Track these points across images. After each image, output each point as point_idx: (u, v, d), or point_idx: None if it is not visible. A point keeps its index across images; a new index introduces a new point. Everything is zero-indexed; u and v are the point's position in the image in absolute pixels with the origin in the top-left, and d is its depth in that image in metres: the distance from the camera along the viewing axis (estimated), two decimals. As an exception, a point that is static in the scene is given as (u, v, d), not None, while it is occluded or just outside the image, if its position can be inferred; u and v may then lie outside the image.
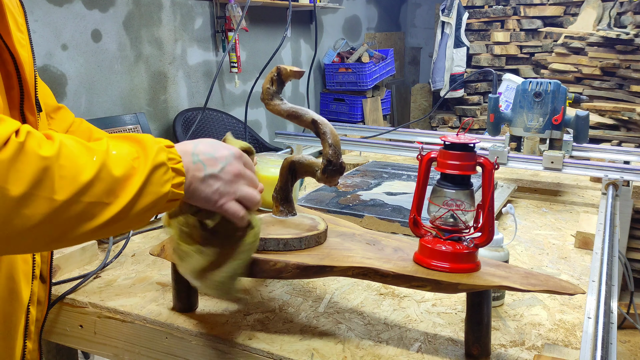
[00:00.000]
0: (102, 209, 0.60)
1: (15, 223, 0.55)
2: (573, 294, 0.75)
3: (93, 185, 0.59)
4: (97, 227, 0.60)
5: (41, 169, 0.55)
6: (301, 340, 0.84)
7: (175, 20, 3.41)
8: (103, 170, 0.60)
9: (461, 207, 0.78)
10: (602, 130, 3.57)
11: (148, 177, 0.63)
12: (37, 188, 0.55)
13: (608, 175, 1.55)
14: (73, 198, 0.57)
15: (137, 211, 0.63)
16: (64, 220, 0.58)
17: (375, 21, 5.89)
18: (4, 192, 0.53)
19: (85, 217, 0.59)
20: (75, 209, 0.58)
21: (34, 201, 0.55)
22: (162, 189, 0.64)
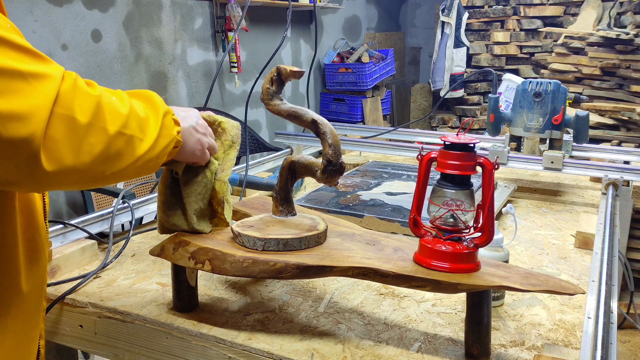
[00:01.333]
0: (138, 144, 0.70)
1: (85, 150, 0.62)
2: (573, 294, 0.75)
3: (129, 120, 0.68)
4: (134, 162, 0.70)
5: (96, 103, 0.64)
6: (301, 340, 0.84)
7: (175, 20, 3.41)
8: (132, 109, 0.70)
9: (461, 207, 0.78)
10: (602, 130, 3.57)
11: (162, 122, 0.75)
12: (96, 119, 0.63)
13: (608, 175, 1.55)
14: (120, 130, 0.66)
15: (158, 150, 0.74)
16: (116, 150, 0.66)
17: (375, 21, 5.89)
18: (74, 122, 0.61)
19: (129, 146, 0.68)
20: (122, 140, 0.67)
21: (95, 130, 0.63)
22: (172, 132, 0.77)
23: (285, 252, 0.84)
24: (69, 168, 0.62)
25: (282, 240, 0.84)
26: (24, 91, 0.57)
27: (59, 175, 0.61)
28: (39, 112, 0.58)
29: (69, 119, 0.61)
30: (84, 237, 1.15)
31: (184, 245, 0.86)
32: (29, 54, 0.59)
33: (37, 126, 0.57)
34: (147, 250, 1.18)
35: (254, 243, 0.84)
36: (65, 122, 0.60)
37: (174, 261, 0.87)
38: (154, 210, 1.39)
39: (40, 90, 0.58)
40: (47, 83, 0.59)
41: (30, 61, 0.59)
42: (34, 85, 0.58)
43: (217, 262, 0.83)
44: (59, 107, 0.60)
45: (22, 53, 0.59)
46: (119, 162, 0.68)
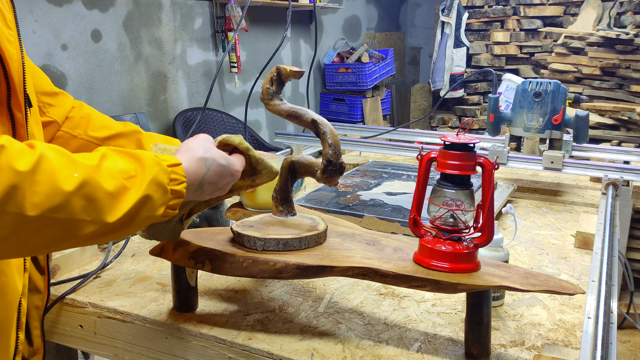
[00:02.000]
0: (82, 226, 0.58)
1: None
2: (573, 294, 0.75)
3: (70, 202, 0.56)
4: (78, 242, 0.59)
5: (12, 184, 0.53)
6: (301, 340, 0.84)
7: (175, 20, 3.41)
8: (85, 187, 0.58)
9: (461, 207, 0.78)
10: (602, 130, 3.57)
11: (142, 200, 0.62)
12: (6, 203, 0.53)
13: (608, 175, 1.55)
14: (46, 214, 0.55)
15: (122, 231, 0.62)
16: (36, 234, 0.56)
17: (375, 21, 5.89)
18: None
19: (63, 232, 0.57)
20: (50, 225, 0.56)
21: (2, 215, 0.53)
22: (154, 213, 0.64)
23: (285, 252, 0.84)
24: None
25: (282, 240, 0.84)
26: None
27: None
28: None
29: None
30: (84, 237, 1.15)
31: (184, 245, 0.86)
32: None
33: None
34: (147, 250, 1.18)
35: (253, 243, 0.84)
36: None
37: (174, 261, 0.87)
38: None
39: None
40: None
41: None
42: None
43: (217, 262, 0.83)
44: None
45: None
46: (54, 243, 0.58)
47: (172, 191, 0.66)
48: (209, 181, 0.74)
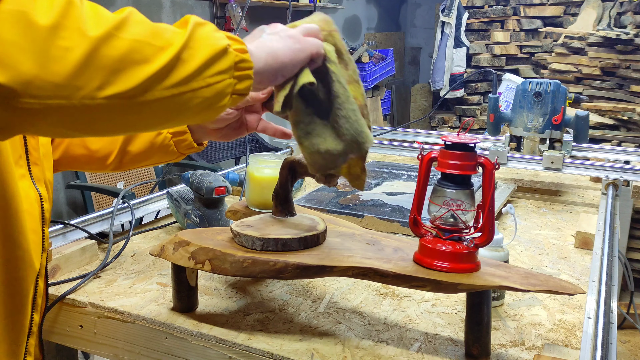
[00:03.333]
0: (153, 52, 0.50)
1: (54, 54, 0.45)
2: (573, 294, 0.75)
3: (129, 24, 0.50)
4: (159, 74, 0.50)
5: (66, 1, 0.47)
6: (301, 340, 0.84)
7: (175, 20, 3.41)
8: (136, 15, 0.51)
9: (461, 207, 0.78)
10: (602, 130, 3.58)
11: (194, 30, 0.54)
12: (65, 18, 0.46)
13: (608, 175, 1.55)
14: (111, 31, 0.48)
15: (197, 64, 0.53)
16: (110, 56, 0.48)
17: (375, 21, 5.89)
18: (31, 20, 0.45)
19: (135, 56, 0.49)
20: (120, 45, 0.48)
21: (66, 32, 0.46)
22: (217, 42, 0.55)
23: (284, 252, 0.84)
24: (34, 78, 0.45)
25: (280, 240, 0.84)
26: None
27: (26, 90, 0.45)
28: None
29: (20, 15, 0.45)
30: (84, 237, 1.15)
31: (184, 245, 0.86)
32: None
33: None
34: (147, 250, 1.18)
35: (252, 243, 0.84)
36: (15, 20, 0.44)
37: (174, 261, 0.87)
38: (154, 210, 1.39)
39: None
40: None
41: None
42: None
43: (217, 262, 0.83)
44: (8, 3, 0.45)
45: None
46: (127, 75, 0.49)
47: (227, 37, 0.57)
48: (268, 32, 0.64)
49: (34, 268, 0.76)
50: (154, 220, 1.41)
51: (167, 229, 1.31)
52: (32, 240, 0.75)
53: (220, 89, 0.56)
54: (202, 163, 2.93)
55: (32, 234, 0.76)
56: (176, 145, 0.92)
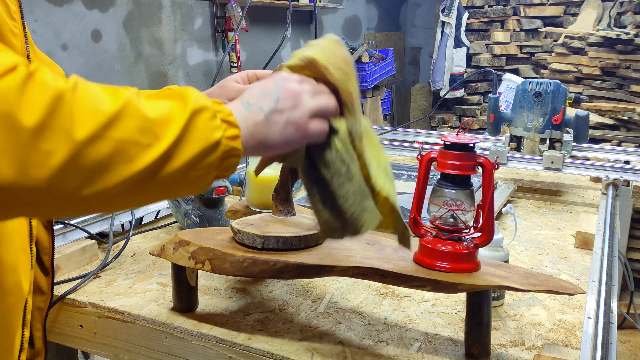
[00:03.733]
0: (139, 151, 0.49)
1: (34, 160, 0.45)
2: (573, 294, 0.75)
3: (120, 120, 0.49)
4: (139, 174, 0.50)
5: (55, 97, 0.46)
6: (301, 340, 0.84)
7: (175, 20, 3.41)
8: (130, 107, 0.50)
9: (461, 207, 0.78)
10: (602, 130, 3.58)
11: (190, 120, 0.53)
12: (51, 118, 0.45)
13: (608, 175, 1.55)
14: (98, 132, 0.47)
15: (184, 161, 0.52)
16: (93, 159, 0.47)
17: (375, 21, 5.89)
18: (15, 122, 0.44)
19: (119, 157, 0.48)
20: (104, 146, 0.47)
21: (51, 132, 0.45)
22: (211, 135, 0.54)
23: (285, 251, 0.84)
24: (13, 184, 0.44)
25: (281, 238, 0.84)
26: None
27: (2, 194, 0.44)
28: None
29: (5, 117, 0.43)
30: (84, 237, 1.15)
31: (184, 245, 0.86)
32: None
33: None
34: (147, 250, 1.18)
35: (253, 240, 0.84)
36: (1, 121, 0.44)
37: (174, 261, 0.87)
38: (154, 210, 1.39)
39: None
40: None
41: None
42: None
43: (217, 262, 0.83)
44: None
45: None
46: (105, 177, 0.48)
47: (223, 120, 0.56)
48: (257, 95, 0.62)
49: (24, 288, 0.76)
50: (154, 220, 1.41)
51: (167, 229, 1.31)
52: (22, 261, 0.75)
53: (203, 182, 0.56)
54: (202, 163, 2.92)
55: (22, 254, 0.75)
56: None
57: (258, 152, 0.62)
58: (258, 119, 0.60)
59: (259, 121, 0.60)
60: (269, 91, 0.63)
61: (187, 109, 0.53)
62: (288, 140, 0.62)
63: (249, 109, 0.61)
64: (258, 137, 0.60)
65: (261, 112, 0.61)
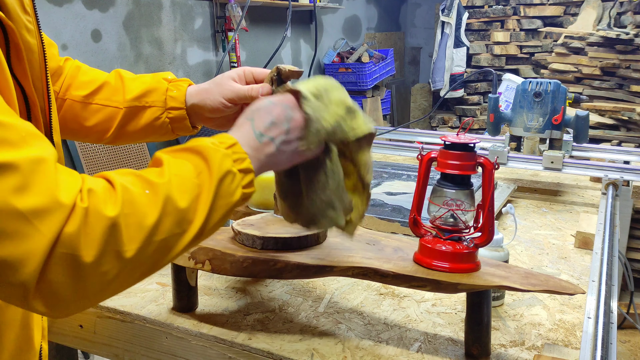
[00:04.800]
0: (177, 240, 0.58)
1: (93, 282, 0.53)
2: (573, 294, 0.75)
3: (161, 223, 0.56)
4: (176, 255, 0.59)
5: (109, 227, 0.53)
6: (301, 340, 0.84)
7: (175, 20, 3.41)
8: (168, 205, 0.57)
9: (461, 207, 0.78)
10: (602, 130, 3.58)
11: (216, 192, 0.60)
12: (108, 244, 0.53)
13: (608, 175, 1.55)
14: (144, 243, 0.55)
15: (211, 226, 0.61)
16: (141, 263, 0.56)
17: (375, 21, 5.89)
18: (77, 260, 0.51)
19: (162, 252, 0.57)
20: (149, 250, 0.56)
21: (105, 257, 0.53)
22: (232, 198, 0.62)
23: (285, 251, 0.84)
24: (73, 303, 0.53)
25: (280, 239, 0.84)
26: (20, 233, 0.49)
27: (62, 311, 0.54)
28: (33, 256, 0.49)
29: (70, 259, 0.51)
30: (84, 237, 1.15)
31: (184, 245, 0.86)
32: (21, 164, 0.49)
33: (29, 274, 0.49)
34: (147, 250, 1.18)
35: (253, 241, 0.84)
36: (66, 263, 0.51)
37: (174, 261, 0.87)
38: (154, 210, 1.39)
39: (40, 230, 0.49)
40: (50, 220, 0.50)
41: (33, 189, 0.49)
42: (34, 223, 0.49)
43: (217, 262, 0.83)
44: (61, 247, 0.50)
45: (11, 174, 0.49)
46: (150, 272, 0.58)
47: (240, 171, 0.63)
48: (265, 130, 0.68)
49: (35, 345, 0.75)
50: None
51: (167, 229, 1.31)
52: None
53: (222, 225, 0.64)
54: (202, 163, 2.92)
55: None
56: (173, 128, 0.92)
57: (264, 170, 0.69)
58: (270, 151, 0.67)
59: (271, 153, 0.67)
60: (280, 121, 0.68)
61: (213, 180, 0.60)
62: (292, 162, 0.70)
63: (262, 140, 0.67)
64: (267, 166, 0.68)
65: (273, 144, 0.67)
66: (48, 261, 0.50)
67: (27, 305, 0.52)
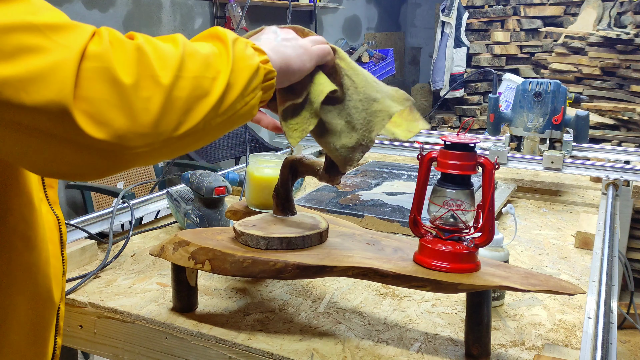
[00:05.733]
0: (210, 84, 0.58)
1: (139, 107, 0.51)
2: (573, 294, 0.74)
3: (188, 60, 0.56)
4: (216, 104, 0.58)
5: (136, 50, 0.52)
6: (301, 340, 0.84)
7: (175, 20, 3.41)
8: (188, 47, 0.57)
9: (461, 207, 0.78)
10: (602, 130, 3.57)
11: (233, 52, 0.61)
12: (141, 68, 0.52)
13: (608, 175, 1.55)
14: (177, 73, 0.55)
15: (240, 87, 0.60)
16: (180, 96, 0.55)
17: (375, 21, 5.89)
18: (115, 78, 0.50)
19: (198, 92, 0.56)
20: (185, 85, 0.55)
21: (144, 81, 0.52)
22: (251, 62, 0.63)
23: (285, 251, 0.84)
24: (128, 132, 0.51)
25: (285, 239, 0.84)
26: (41, 47, 0.47)
27: (122, 144, 0.51)
28: (61, 68, 0.48)
29: (105, 72, 0.50)
30: (83, 237, 1.15)
31: (184, 246, 0.86)
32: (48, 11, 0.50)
33: (60, 85, 0.47)
34: (147, 250, 1.18)
35: (257, 242, 0.84)
36: (102, 78, 0.50)
37: (174, 261, 0.87)
38: (154, 210, 1.39)
39: (62, 43, 0.48)
40: (71, 35, 0.49)
41: (47, 14, 0.49)
42: (53, 38, 0.48)
43: (217, 262, 0.83)
44: (90, 61, 0.49)
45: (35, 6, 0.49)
46: (194, 112, 0.56)
47: (253, 48, 0.65)
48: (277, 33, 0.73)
49: (56, 295, 0.75)
50: (153, 220, 1.41)
51: (167, 229, 1.31)
52: (53, 266, 0.75)
53: (253, 104, 0.64)
54: (202, 163, 2.93)
55: (54, 260, 0.75)
56: None
57: (284, 75, 0.70)
58: (272, 44, 0.70)
59: (276, 45, 0.70)
60: (268, 32, 0.73)
61: (227, 44, 0.61)
62: (302, 59, 0.71)
63: (260, 40, 0.70)
64: (279, 54, 0.69)
65: (273, 40, 0.71)
66: (80, 75, 0.49)
67: (72, 130, 0.49)
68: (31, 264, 0.70)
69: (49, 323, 0.75)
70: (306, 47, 0.73)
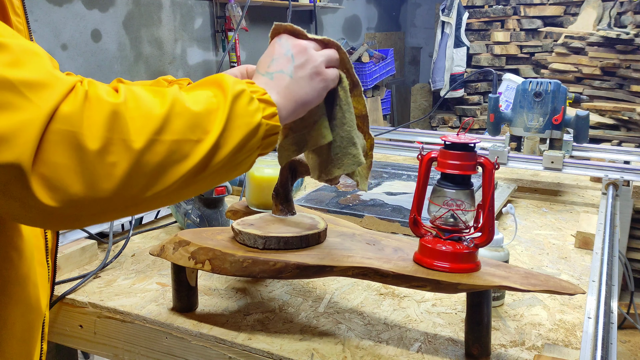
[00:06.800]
0: (192, 147, 0.54)
1: (101, 173, 0.49)
2: (573, 294, 0.74)
3: (171, 121, 0.53)
4: (194, 169, 0.54)
5: (111, 113, 0.49)
6: (301, 340, 0.84)
7: (175, 20, 3.41)
8: (177, 105, 0.54)
9: (461, 207, 0.78)
10: (602, 130, 3.58)
11: (232, 108, 0.57)
12: (112, 133, 0.49)
13: (608, 175, 1.55)
14: (153, 137, 0.51)
15: (231, 148, 0.56)
16: (152, 163, 0.51)
17: (375, 21, 5.89)
18: (80, 142, 0.48)
19: (175, 157, 0.53)
20: (159, 149, 0.52)
21: (112, 146, 0.49)
22: (252, 119, 0.58)
23: (285, 251, 0.84)
24: (83, 199, 0.49)
25: (282, 239, 0.84)
26: (11, 105, 0.46)
27: (72, 210, 0.49)
28: (26, 130, 0.45)
29: (70, 137, 0.47)
30: (83, 237, 1.15)
31: (184, 245, 0.86)
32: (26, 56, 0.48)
33: (22, 148, 0.45)
34: (147, 250, 1.18)
35: (254, 241, 0.84)
36: (66, 142, 0.47)
37: (174, 261, 0.87)
38: (154, 210, 1.39)
39: (34, 101, 0.46)
40: (45, 93, 0.47)
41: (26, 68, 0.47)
42: (26, 95, 0.46)
43: (217, 262, 0.83)
44: (58, 123, 0.47)
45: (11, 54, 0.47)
46: (167, 176, 0.53)
47: (259, 100, 0.60)
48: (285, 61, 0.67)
49: (43, 302, 0.75)
50: (154, 220, 1.41)
51: (167, 229, 1.31)
52: (40, 274, 0.74)
53: (248, 162, 0.61)
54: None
55: (40, 267, 0.75)
56: None
57: (297, 113, 0.67)
58: (286, 82, 0.65)
59: (288, 84, 0.65)
60: (280, 54, 0.68)
61: (227, 97, 0.57)
62: (317, 90, 0.68)
63: (273, 77, 0.65)
64: (293, 98, 0.65)
65: (285, 75, 0.66)
66: (45, 137, 0.46)
67: (28, 194, 0.47)
68: (24, 275, 0.70)
69: (37, 331, 0.75)
70: (321, 72, 0.68)
